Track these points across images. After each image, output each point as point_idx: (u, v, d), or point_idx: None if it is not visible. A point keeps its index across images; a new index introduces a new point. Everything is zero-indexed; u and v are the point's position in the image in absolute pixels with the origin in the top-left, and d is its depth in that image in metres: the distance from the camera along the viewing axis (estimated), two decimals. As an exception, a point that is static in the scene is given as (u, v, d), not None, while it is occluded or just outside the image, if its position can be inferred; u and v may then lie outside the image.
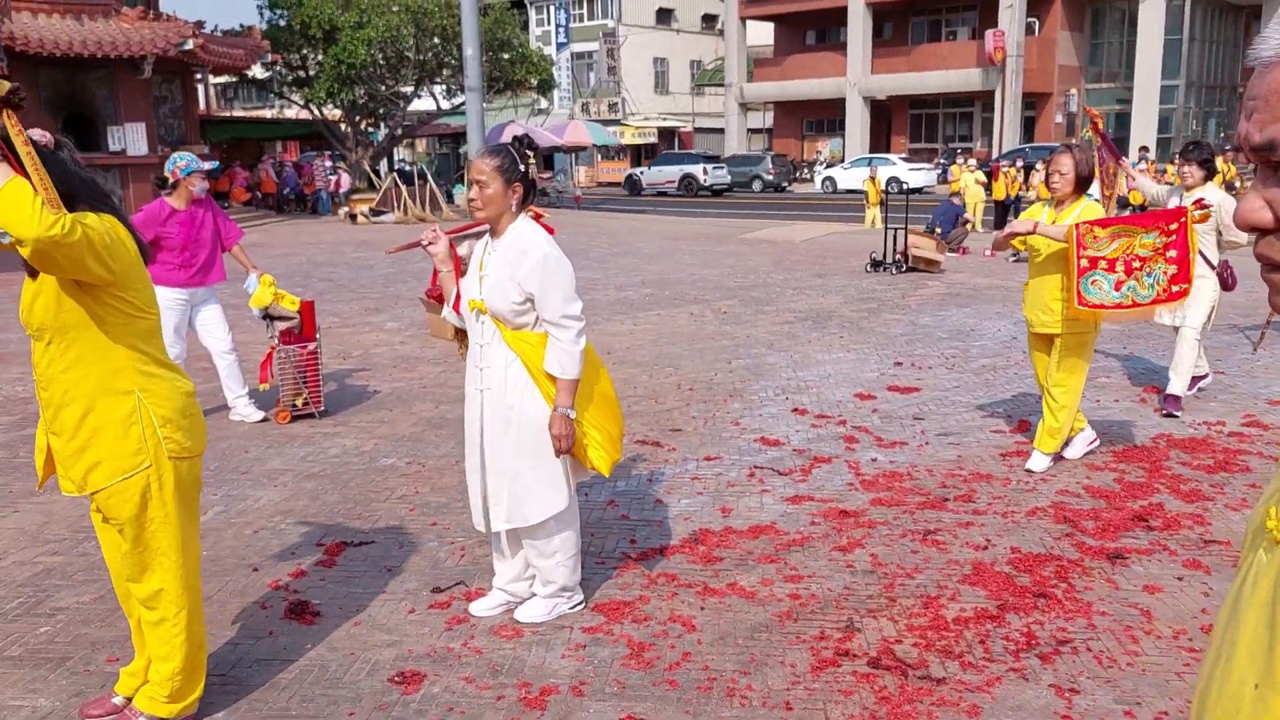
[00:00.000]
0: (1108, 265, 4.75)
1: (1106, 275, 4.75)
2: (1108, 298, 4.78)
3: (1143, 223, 4.85)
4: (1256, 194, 0.89)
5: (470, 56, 24.14)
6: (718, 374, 7.52)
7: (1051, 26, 40.89)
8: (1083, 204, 4.97)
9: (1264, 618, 0.91)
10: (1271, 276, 0.93)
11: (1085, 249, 4.77)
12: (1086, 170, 4.93)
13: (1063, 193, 4.97)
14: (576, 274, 3.49)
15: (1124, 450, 5.55)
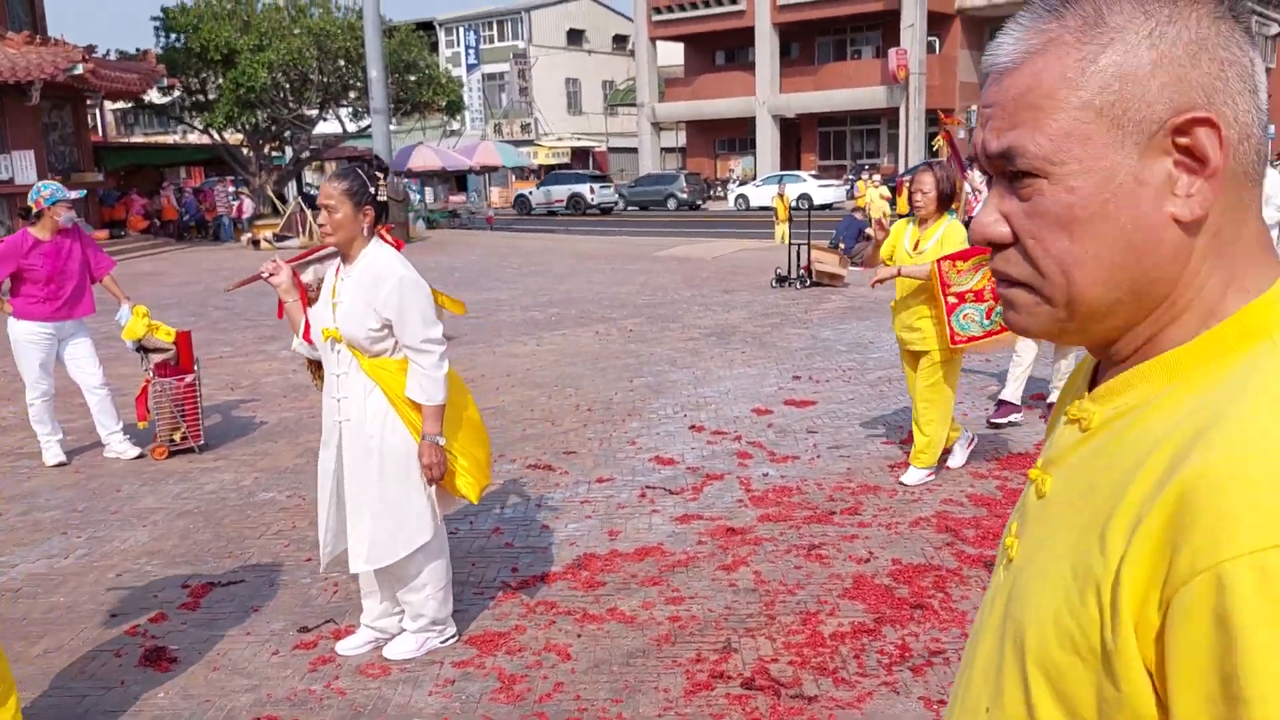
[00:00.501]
0: (975, 296, 4.76)
1: (976, 306, 4.76)
2: (980, 328, 4.81)
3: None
4: (992, 207, 0.84)
5: (375, 78, 23.89)
6: (618, 393, 7.47)
7: (952, 45, 42.10)
8: (946, 223, 4.94)
9: (995, 638, 0.88)
10: (1008, 293, 0.89)
11: (950, 286, 4.75)
12: (948, 188, 4.90)
13: (925, 211, 4.93)
14: (484, 296, 3.44)
15: (1008, 458, 5.64)
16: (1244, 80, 0.76)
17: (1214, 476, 0.66)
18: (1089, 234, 0.78)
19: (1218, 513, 0.65)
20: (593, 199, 37.74)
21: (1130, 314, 0.80)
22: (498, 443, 6.13)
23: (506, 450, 5.98)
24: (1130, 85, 0.76)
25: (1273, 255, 0.81)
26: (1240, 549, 0.62)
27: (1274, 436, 0.67)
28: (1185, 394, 0.77)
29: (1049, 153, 0.78)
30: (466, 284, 14.78)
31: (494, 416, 6.82)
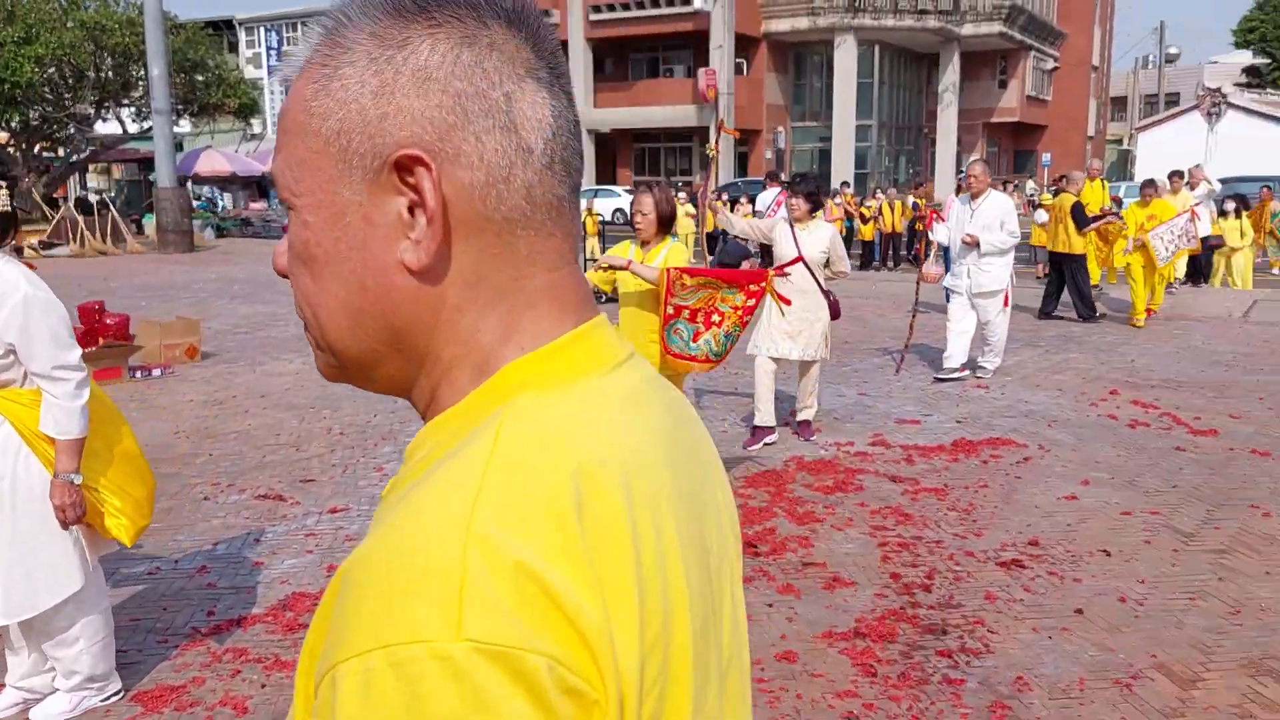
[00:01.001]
0: (689, 315, 4.73)
1: (686, 325, 4.72)
2: (685, 348, 4.76)
3: (728, 278, 4.84)
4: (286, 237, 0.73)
5: (156, 76, 22.49)
6: (378, 415, 7.16)
7: (758, 68, 43.50)
8: (668, 245, 4.83)
9: None
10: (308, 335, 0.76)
11: (673, 296, 4.69)
12: (668, 210, 4.81)
13: (646, 234, 4.81)
14: (260, 309, 3.11)
15: (756, 475, 5.70)
16: (491, 116, 0.66)
17: (354, 565, 0.57)
18: (327, 274, 0.68)
19: (343, 608, 0.56)
20: None
21: (399, 365, 0.71)
22: (231, 471, 5.74)
23: (237, 480, 5.59)
24: (354, 114, 0.65)
25: (573, 307, 0.71)
26: (350, 650, 0.53)
27: (408, 530, 0.57)
28: None
29: (290, 183, 0.68)
30: (246, 297, 14.01)
31: (235, 442, 6.40)
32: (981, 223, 8.03)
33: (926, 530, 4.83)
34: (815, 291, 6.32)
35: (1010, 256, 8.25)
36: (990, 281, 8.12)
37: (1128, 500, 5.28)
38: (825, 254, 6.30)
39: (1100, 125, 56.47)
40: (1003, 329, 8.37)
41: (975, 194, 8.16)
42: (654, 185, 4.92)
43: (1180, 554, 4.53)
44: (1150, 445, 6.37)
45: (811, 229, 6.34)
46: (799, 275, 6.28)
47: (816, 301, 6.32)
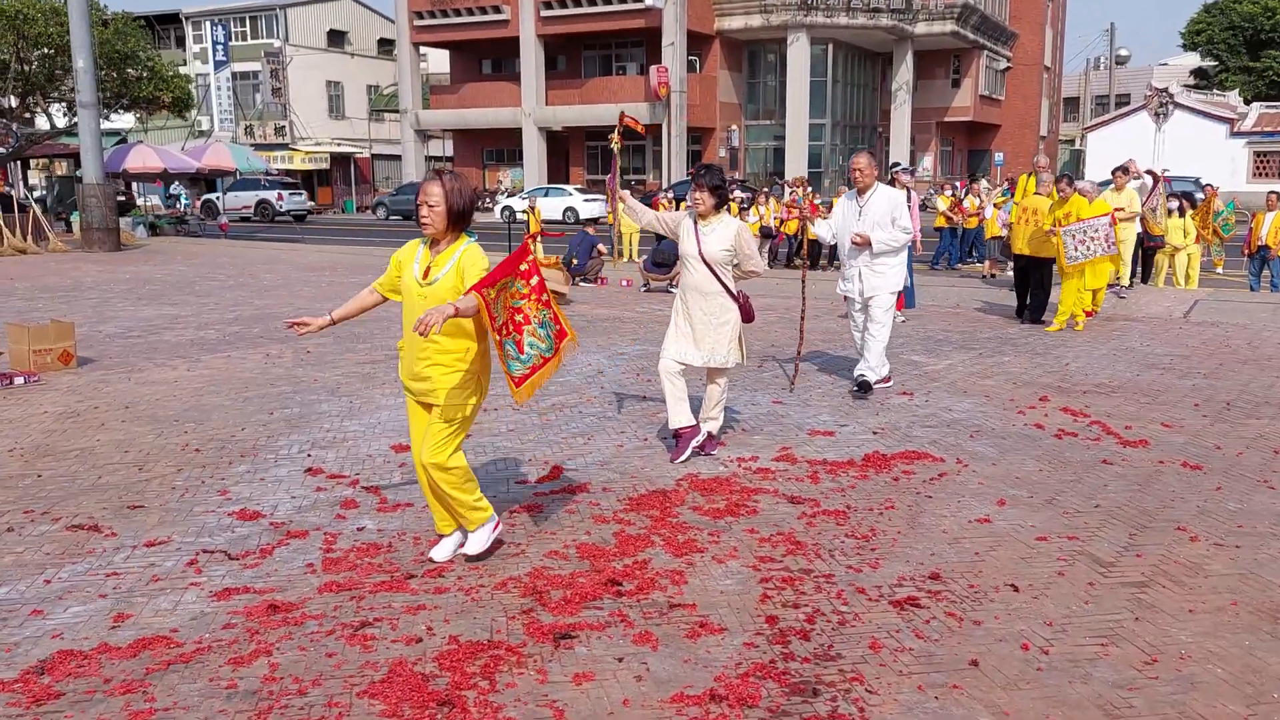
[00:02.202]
0: (510, 328, 4.02)
1: (509, 341, 4.02)
2: (524, 365, 4.11)
3: (506, 270, 3.96)
4: None
5: (81, 69, 21.57)
6: (246, 429, 6.54)
7: (712, 65, 43.05)
8: (463, 246, 4.03)
9: None
10: None
11: (494, 318, 3.90)
12: (461, 202, 3.97)
13: (434, 229, 3.97)
14: (162, 312, 2.65)
15: (642, 496, 5.17)
16: None
17: None
18: None
19: None
20: (281, 205, 38.61)
21: None
22: (54, 495, 5.11)
23: (55, 506, 4.97)
24: None
25: None
26: None
27: None
28: None
29: None
30: (154, 297, 13.28)
31: (73, 461, 5.76)
32: (871, 219, 7.32)
33: (818, 562, 4.31)
34: (719, 293, 5.82)
35: (904, 255, 7.64)
36: (884, 284, 7.40)
37: (1045, 523, 4.81)
38: (730, 252, 5.79)
39: (1053, 125, 56.73)
40: (883, 337, 7.52)
41: (862, 189, 7.38)
42: (445, 172, 4.05)
43: (1095, 588, 4.05)
44: (1076, 458, 5.91)
45: (715, 225, 5.82)
46: (700, 276, 5.82)
47: (720, 304, 5.83)
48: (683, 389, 5.89)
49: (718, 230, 5.80)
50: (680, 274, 6.00)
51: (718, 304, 5.82)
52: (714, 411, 6.05)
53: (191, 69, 51.92)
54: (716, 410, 6.05)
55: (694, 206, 5.85)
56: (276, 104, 49.05)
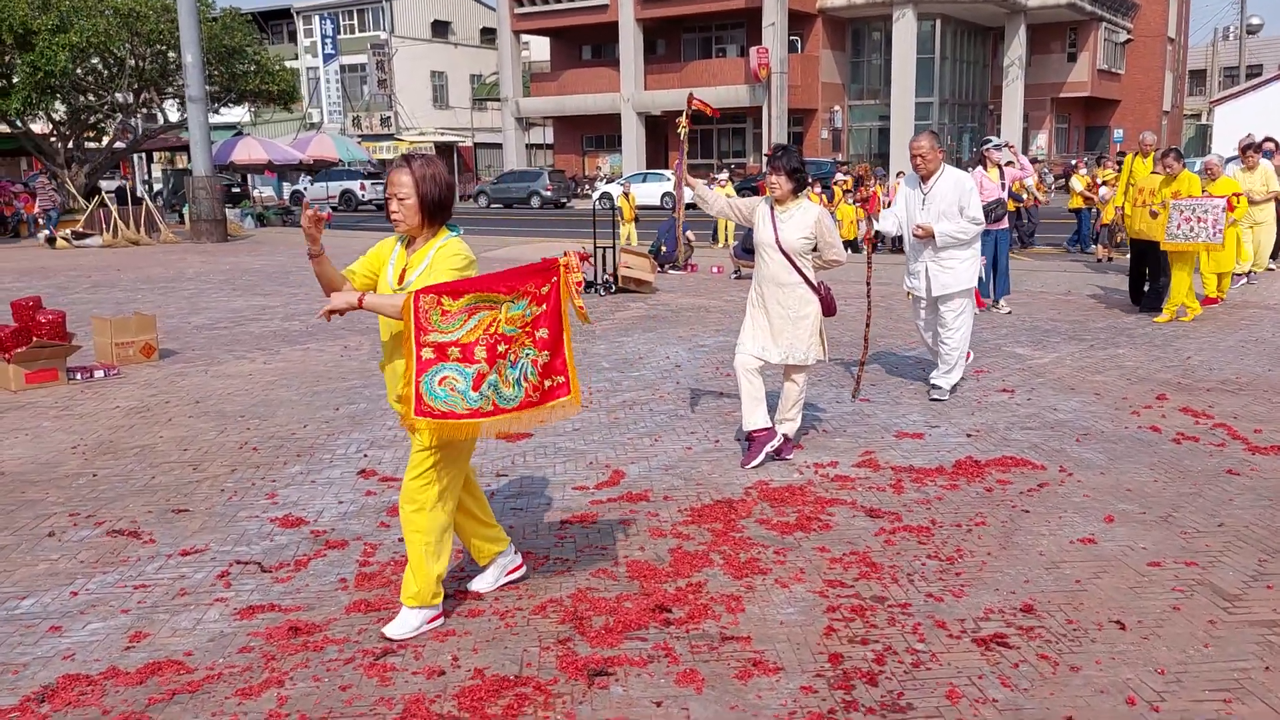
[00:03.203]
0: (463, 353, 3.23)
1: (462, 368, 3.23)
2: (462, 402, 3.25)
3: (509, 283, 3.29)
4: None
5: (190, 64, 22.12)
6: (309, 425, 6.39)
7: (814, 45, 42.01)
8: (441, 240, 3.42)
9: None
10: None
11: (429, 331, 3.20)
12: (436, 191, 3.35)
13: (406, 225, 3.38)
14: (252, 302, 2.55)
15: (705, 507, 4.78)
16: None
17: None
18: None
19: None
20: (364, 195, 38.88)
21: None
22: (104, 496, 5.00)
23: (103, 508, 4.85)
24: None
25: None
26: None
27: None
28: None
29: None
30: (248, 288, 13.44)
31: (131, 459, 5.67)
32: (936, 209, 6.53)
33: (894, 588, 3.87)
34: (798, 284, 5.40)
35: (977, 248, 6.79)
36: (955, 281, 6.62)
37: (1159, 545, 4.25)
38: (810, 240, 5.36)
39: (1177, 99, 53.76)
40: (962, 339, 6.77)
41: (925, 174, 6.58)
42: (415, 156, 3.44)
43: (1218, 627, 3.51)
44: (1196, 467, 5.29)
45: (793, 211, 5.40)
46: (777, 266, 5.41)
47: (799, 296, 5.41)
48: (760, 388, 5.49)
49: (796, 217, 5.39)
50: (757, 263, 5.57)
51: (796, 296, 5.41)
52: (791, 412, 5.62)
53: (302, 63, 53.30)
54: (794, 411, 5.62)
55: (770, 191, 5.42)
56: (382, 95, 49.91)
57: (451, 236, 3.48)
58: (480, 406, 3.28)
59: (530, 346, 3.34)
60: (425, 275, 3.37)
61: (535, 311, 3.33)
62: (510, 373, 3.31)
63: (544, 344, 3.36)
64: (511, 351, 3.31)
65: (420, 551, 3.46)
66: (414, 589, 3.49)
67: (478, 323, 3.25)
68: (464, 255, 3.41)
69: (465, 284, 3.25)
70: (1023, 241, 16.43)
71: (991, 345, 8.71)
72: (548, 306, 3.35)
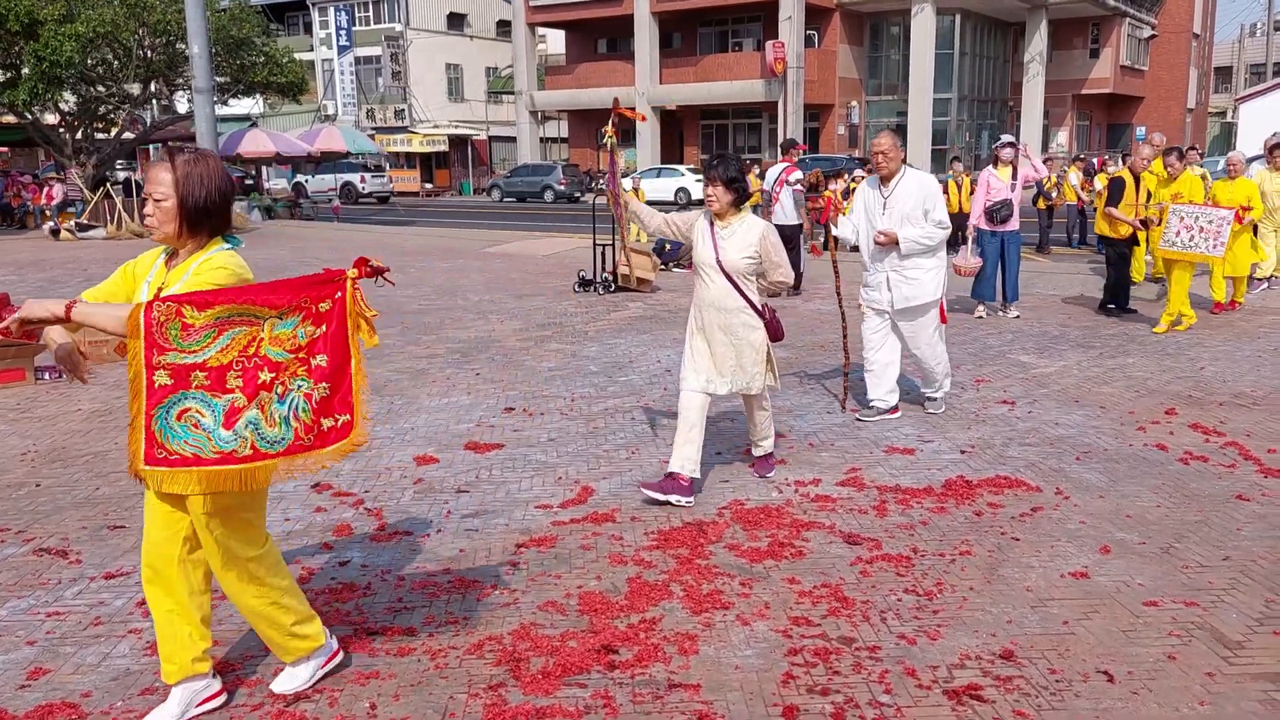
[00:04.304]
0: (211, 379, 2.60)
1: (210, 399, 2.59)
2: (210, 444, 2.60)
3: (278, 296, 2.65)
4: None
5: (196, 55, 21.92)
6: (272, 433, 6.11)
7: (831, 39, 41.52)
8: (206, 256, 2.80)
9: None
10: None
11: (165, 350, 2.56)
12: (202, 194, 2.76)
13: (164, 233, 2.82)
14: None
15: (675, 529, 4.48)
16: None
17: None
18: None
19: None
20: (364, 188, 38.55)
21: None
22: (42, 509, 4.75)
23: (36, 523, 4.59)
24: None
25: None
26: None
27: None
28: None
29: None
30: (241, 284, 13.21)
31: (80, 467, 5.42)
32: (899, 213, 6.00)
33: (864, 627, 3.55)
34: (741, 309, 4.85)
35: (942, 256, 6.23)
36: (919, 293, 6.09)
37: (1157, 581, 3.92)
38: (754, 260, 4.81)
39: (1201, 97, 52.92)
40: (940, 352, 6.33)
41: (886, 175, 6.05)
42: (180, 150, 2.85)
43: (1216, 680, 3.18)
44: (1204, 491, 4.95)
45: (735, 227, 4.82)
46: (719, 289, 4.84)
47: (743, 322, 4.86)
48: (699, 431, 4.85)
49: (739, 233, 4.82)
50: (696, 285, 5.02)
51: (739, 321, 4.85)
52: (761, 437, 5.26)
53: (317, 55, 53.19)
54: (763, 434, 5.25)
55: (708, 205, 4.85)
56: (397, 88, 49.73)
57: (223, 249, 2.84)
58: (234, 450, 2.60)
59: (303, 377, 2.68)
60: (191, 284, 2.75)
61: (311, 333, 2.69)
62: (277, 409, 2.65)
63: (322, 374, 2.70)
64: (279, 382, 2.64)
65: (266, 626, 3.02)
66: (285, 644, 3.06)
67: (232, 341, 2.60)
68: (230, 270, 2.77)
69: (217, 294, 2.62)
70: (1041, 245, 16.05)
71: (996, 352, 8.37)
72: (328, 328, 2.70)
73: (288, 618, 3.02)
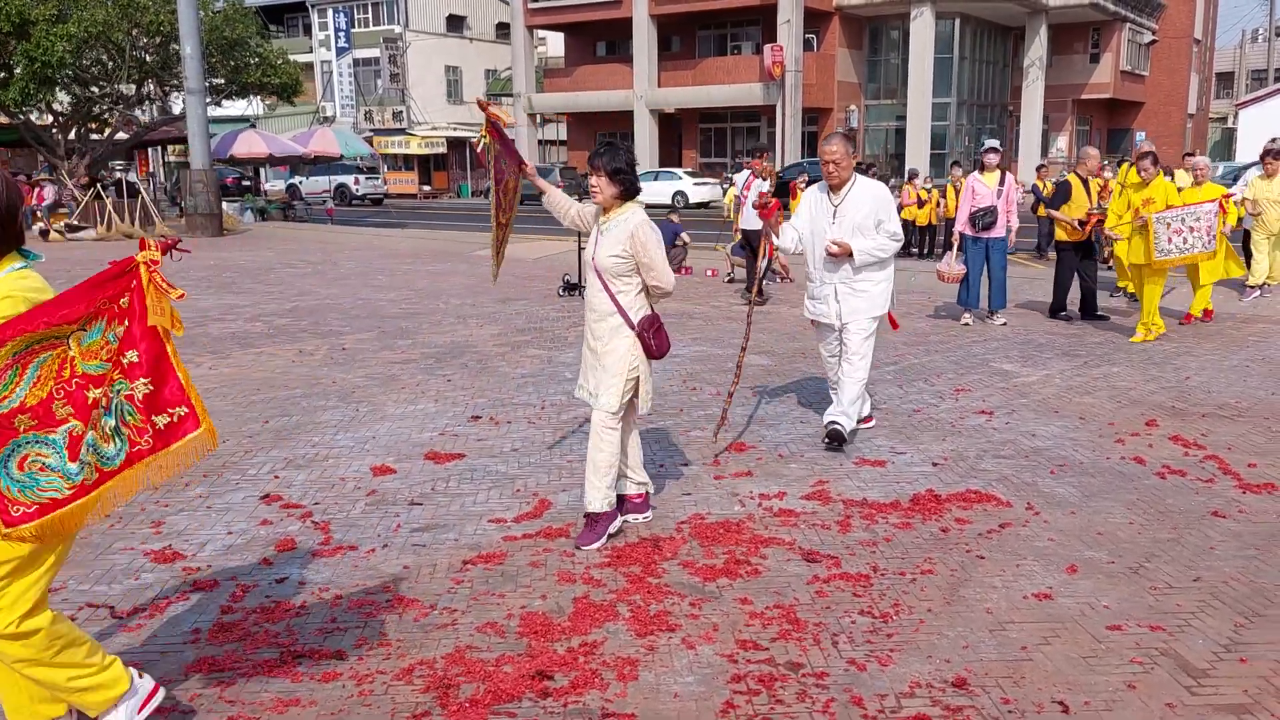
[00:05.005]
0: (37, 418, 2.37)
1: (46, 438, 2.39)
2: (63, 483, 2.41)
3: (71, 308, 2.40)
4: None
5: (189, 55, 21.85)
6: (228, 440, 5.98)
7: (830, 43, 41.39)
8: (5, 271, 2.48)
9: None
10: None
11: None
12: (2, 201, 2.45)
13: None
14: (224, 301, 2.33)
15: (629, 545, 4.33)
16: None
17: None
18: None
19: None
20: (357, 190, 38.65)
21: None
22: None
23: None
24: None
25: None
26: None
27: None
28: None
29: None
30: (224, 286, 13.09)
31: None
32: (850, 223, 5.63)
33: (814, 651, 3.41)
34: (611, 313, 4.31)
35: (891, 270, 5.84)
36: (867, 306, 5.73)
37: (1123, 603, 3.77)
38: (623, 259, 4.25)
39: (1202, 102, 52.77)
40: (866, 369, 5.82)
41: (837, 184, 5.69)
42: None
43: (1178, 711, 3.04)
44: (1180, 507, 4.80)
45: (615, 223, 4.29)
46: (592, 289, 4.39)
47: (610, 326, 4.32)
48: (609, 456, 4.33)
49: (614, 230, 4.29)
50: None
51: (607, 326, 4.33)
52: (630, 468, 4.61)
53: (316, 56, 53.09)
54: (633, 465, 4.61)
55: (593, 197, 4.36)
56: (395, 89, 49.64)
57: (12, 270, 2.47)
58: (84, 479, 2.41)
59: (120, 379, 2.46)
60: None
61: (119, 332, 2.46)
62: (105, 421, 2.44)
63: (137, 370, 2.47)
64: (105, 395, 2.44)
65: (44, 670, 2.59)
66: (82, 700, 2.68)
67: (42, 372, 2.36)
68: (20, 298, 2.41)
69: (4, 328, 2.33)
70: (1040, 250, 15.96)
71: (979, 360, 8.22)
72: (130, 322, 2.47)
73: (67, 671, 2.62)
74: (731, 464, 5.52)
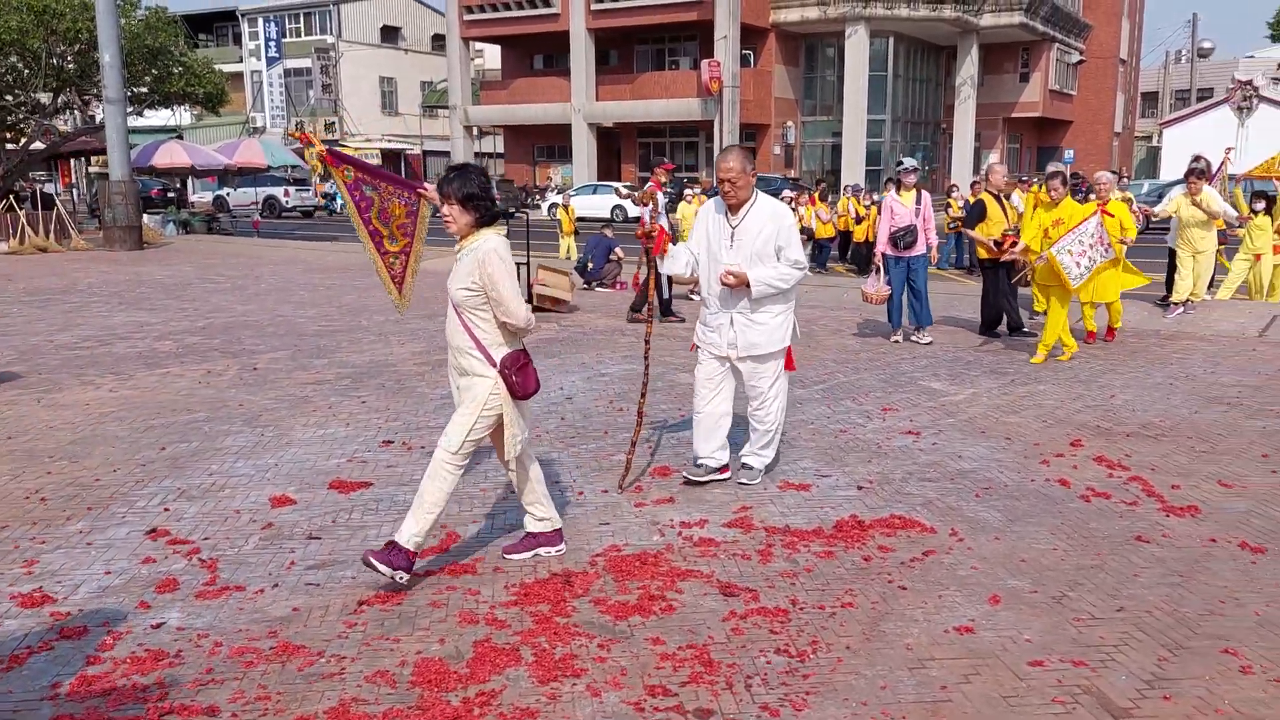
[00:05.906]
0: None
1: None
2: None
3: None
4: None
5: (108, 64, 21.17)
6: (120, 470, 5.63)
7: (767, 60, 41.68)
8: None
9: None
10: None
11: None
12: None
13: None
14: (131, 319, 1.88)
15: (539, 582, 4.11)
16: None
17: None
18: None
19: None
20: (287, 202, 38.31)
21: None
22: None
23: None
24: None
25: None
26: None
27: None
28: None
29: None
30: (135, 302, 12.59)
31: None
32: (748, 249, 5.10)
33: (725, 696, 3.21)
34: (469, 349, 4.04)
35: (793, 300, 5.32)
36: (766, 340, 5.20)
37: (1045, 635, 3.65)
38: (473, 291, 3.95)
39: (1129, 121, 54.20)
40: (780, 410, 5.39)
41: (735, 204, 5.14)
42: None
43: (1099, 755, 2.90)
44: (1103, 531, 4.71)
45: (467, 251, 4.01)
46: (450, 322, 4.12)
47: (469, 364, 4.06)
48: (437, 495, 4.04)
49: (465, 260, 4.01)
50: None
51: (467, 363, 4.07)
52: (527, 504, 4.42)
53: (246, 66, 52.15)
54: (530, 501, 4.41)
55: (445, 226, 4.04)
56: (327, 100, 48.91)
57: None
58: None
59: None
60: None
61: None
62: None
63: None
64: None
65: None
66: None
67: None
68: None
69: None
70: None
71: (907, 379, 8.15)
72: None
73: None
74: (654, 490, 5.33)
